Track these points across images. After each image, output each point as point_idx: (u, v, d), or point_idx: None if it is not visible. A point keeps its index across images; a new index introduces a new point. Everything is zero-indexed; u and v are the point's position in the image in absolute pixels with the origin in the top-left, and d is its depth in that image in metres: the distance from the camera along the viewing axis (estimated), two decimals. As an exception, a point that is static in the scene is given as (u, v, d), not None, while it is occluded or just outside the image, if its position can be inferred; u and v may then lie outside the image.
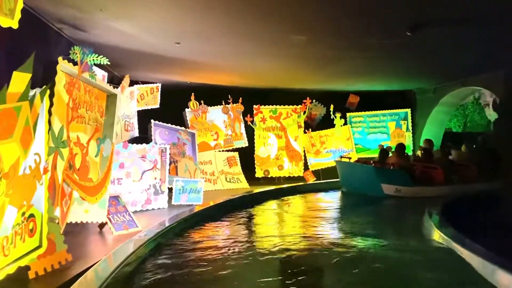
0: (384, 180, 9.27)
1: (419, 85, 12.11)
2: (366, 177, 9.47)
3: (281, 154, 11.67)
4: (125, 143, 7.18)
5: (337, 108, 12.04)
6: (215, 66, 8.84)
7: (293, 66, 8.92)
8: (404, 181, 9.21)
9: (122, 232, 5.53)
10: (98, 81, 5.20)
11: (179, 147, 9.80)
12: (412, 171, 9.55)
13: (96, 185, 5.14)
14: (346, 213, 8.21)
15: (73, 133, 4.72)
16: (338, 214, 8.01)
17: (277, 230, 6.42)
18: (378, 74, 10.16)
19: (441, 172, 9.44)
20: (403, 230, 6.23)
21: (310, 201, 9.52)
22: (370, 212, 8.23)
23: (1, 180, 2.84)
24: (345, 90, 12.31)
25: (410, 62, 8.68)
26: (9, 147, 2.91)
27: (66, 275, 3.63)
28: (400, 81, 11.38)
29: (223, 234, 5.90)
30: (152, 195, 7.46)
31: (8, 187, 2.92)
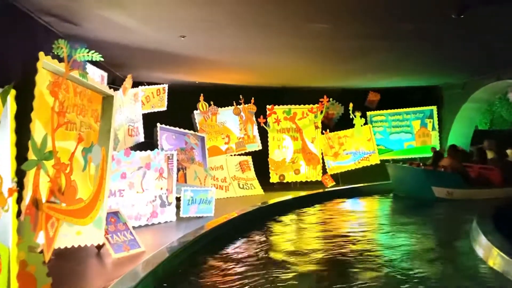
0: (435, 183, 9.17)
1: (447, 79, 11.25)
2: (416, 180, 9.39)
3: (297, 158, 10.91)
4: (127, 150, 6.45)
5: (357, 107, 11.27)
6: (225, 63, 8.13)
7: (310, 61, 8.17)
8: (457, 183, 9.06)
9: (123, 254, 4.80)
10: (90, 81, 4.45)
11: (188, 153, 9.08)
12: (466, 172, 9.36)
13: (89, 203, 4.40)
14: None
15: (60, 142, 3.99)
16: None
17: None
18: (403, 68, 9.38)
19: (499, 173, 9.16)
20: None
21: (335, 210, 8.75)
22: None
23: None
24: (365, 87, 11.58)
25: (444, 52, 7.80)
26: (-44, 167, 2.18)
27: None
28: (425, 76, 10.61)
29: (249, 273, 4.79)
30: (158, 207, 6.73)
31: (-45, 220, 2.19)
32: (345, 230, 6.93)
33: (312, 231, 6.89)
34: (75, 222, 4.11)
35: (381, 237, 6.43)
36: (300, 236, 6.66)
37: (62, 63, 3.92)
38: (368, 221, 7.71)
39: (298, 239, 6.36)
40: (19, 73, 3.79)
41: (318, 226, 7.23)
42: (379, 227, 7.21)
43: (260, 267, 4.77)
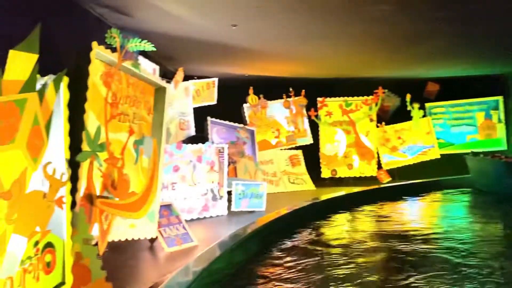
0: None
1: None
2: (497, 173, 8.97)
3: (350, 152, 10.49)
4: (179, 143, 6.40)
5: (414, 98, 10.64)
6: (276, 53, 7.90)
7: (366, 49, 7.75)
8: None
9: (175, 248, 4.71)
10: (143, 72, 4.38)
11: (238, 146, 8.95)
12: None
13: (142, 196, 4.34)
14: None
15: (113, 134, 3.94)
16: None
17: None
18: (466, 55, 8.72)
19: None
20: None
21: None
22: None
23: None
24: (423, 77, 10.88)
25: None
26: (10, 155, 2.11)
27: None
28: (490, 64, 9.81)
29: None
30: (210, 201, 6.64)
31: (10, 210, 2.12)
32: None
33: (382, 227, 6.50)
34: (128, 216, 4.05)
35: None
36: (368, 231, 6.35)
37: (115, 54, 3.85)
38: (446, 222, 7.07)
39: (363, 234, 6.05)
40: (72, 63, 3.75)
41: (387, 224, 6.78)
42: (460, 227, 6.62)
43: (315, 268, 4.53)
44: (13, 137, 2.11)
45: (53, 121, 2.38)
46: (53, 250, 2.48)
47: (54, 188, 2.44)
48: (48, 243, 2.43)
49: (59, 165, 2.48)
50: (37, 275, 2.34)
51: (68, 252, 2.60)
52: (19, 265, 2.23)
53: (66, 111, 2.52)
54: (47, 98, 2.32)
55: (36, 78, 2.23)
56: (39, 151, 2.29)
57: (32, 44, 2.13)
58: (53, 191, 2.44)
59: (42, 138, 2.30)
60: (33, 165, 2.26)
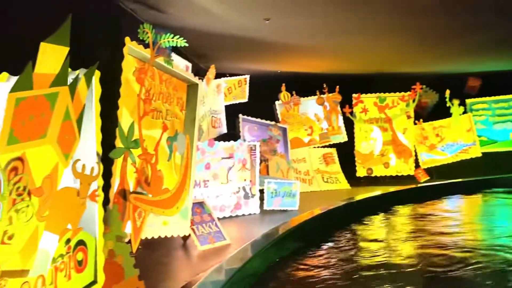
0: None
1: None
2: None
3: (386, 150, 10.15)
4: (211, 141, 6.34)
5: (454, 94, 10.15)
6: (309, 48, 7.73)
7: (405, 43, 7.50)
8: None
9: (208, 246, 4.64)
10: (175, 68, 4.32)
11: (270, 144, 8.82)
12: None
13: (175, 193, 4.28)
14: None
15: (147, 131, 3.90)
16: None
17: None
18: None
19: None
20: None
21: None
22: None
23: (30, 198, 2.00)
24: (464, 71, 10.37)
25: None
26: (41, 151, 2.06)
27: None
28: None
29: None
30: (242, 199, 6.56)
31: (42, 207, 2.08)
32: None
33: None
34: (161, 213, 4.00)
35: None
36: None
37: (148, 49, 3.80)
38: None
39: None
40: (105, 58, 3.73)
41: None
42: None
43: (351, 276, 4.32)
44: (44, 132, 2.06)
45: (84, 116, 2.32)
46: (85, 248, 2.43)
47: (86, 185, 2.39)
48: (80, 241, 2.38)
49: (91, 160, 2.42)
50: (68, 273, 2.30)
51: (100, 250, 2.55)
52: (50, 263, 2.18)
53: (98, 106, 2.46)
54: (79, 92, 2.27)
55: (68, 71, 2.17)
56: (70, 147, 2.23)
57: (63, 37, 2.07)
58: (85, 187, 2.39)
59: (74, 133, 2.25)
60: (65, 161, 2.20)
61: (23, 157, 1.95)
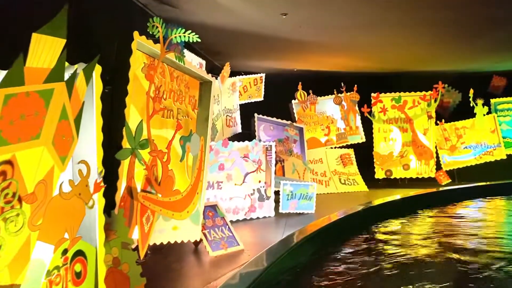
0: None
1: None
2: None
3: (406, 151, 9.81)
4: (225, 140, 6.12)
5: (478, 94, 9.73)
6: (326, 45, 7.51)
7: (427, 40, 7.21)
8: None
9: (220, 252, 4.42)
10: (187, 65, 4.11)
11: (286, 144, 8.57)
12: None
13: (186, 196, 4.08)
14: None
15: (156, 130, 3.70)
16: None
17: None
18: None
19: None
20: None
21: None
22: None
23: (21, 205, 1.80)
24: (488, 70, 9.99)
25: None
26: (34, 153, 1.86)
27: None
28: None
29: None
30: (257, 201, 6.33)
31: (35, 215, 1.88)
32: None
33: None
34: (171, 215, 3.80)
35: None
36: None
37: (158, 45, 3.60)
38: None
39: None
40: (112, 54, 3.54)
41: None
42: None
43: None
44: (37, 132, 1.86)
45: (84, 115, 2.12)
46: (84, 259, 2.22)
47: (86, 190, 2.18)
48: (78, 251, 2.18)
49: (92, 165, 2.22)
50: (65, 286, 2.10)
51: (101, 260, 2.34)
52: (45, 277, 1.99)
53: (99, 104, 2.25)
54: (77, 89, 2.06)
55: (64, 66, 1.97)
56: (67, 149, 2.03)
57: (58, 27, 1.87)
58: (85, 193, 2.19)
59: (71, 134, 2.05)
60: (61, 164, 2.00)
61: (12, 161, 1.75)
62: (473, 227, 6.44)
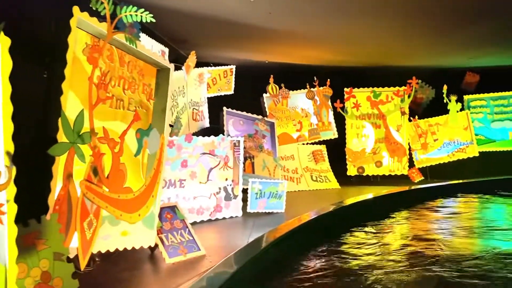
0: None
1: None
2: None
3: (379, 148, 9.61)
4: (189, 135, 5.67)
5: (451, 90, 9.61)
6: (299, 35, 7.23)
7: (402, 32, 7.03)
8: None
9: (179, 258, 3.98)
10: (141, 49, 3.63)
11: (256, 140, 8.19)
12: None
13: (139, 196, 3.62)
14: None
15: (101, 122, 3.22)
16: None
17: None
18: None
19: None
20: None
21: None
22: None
23: None
24: (461, 66, 9.93)
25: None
26: None
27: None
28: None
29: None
30: (223, 201, 5.91)
31: None
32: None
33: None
34: (119, 215, 3.33)
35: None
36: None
37: (104, 23, 3.11)
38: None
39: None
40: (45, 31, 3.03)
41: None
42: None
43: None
44: None
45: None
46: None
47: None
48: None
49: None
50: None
51: (11, 281, 1.87)
52: None
53: (7, 86, 1.78)
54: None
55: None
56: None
57: None
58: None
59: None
60: None
61: None
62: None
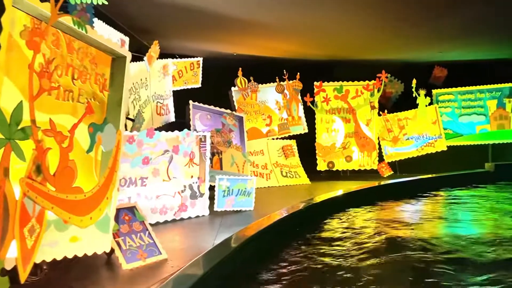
0: None
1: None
2: None
3: (349, 142, 9.53)
4: (151, 130, 5.31)
5: (420, 84, 9.62)
6: (268, 26, 7.00)
7: (371, 24, 6.91)
8: None
9: (137, 263, 3.66)
10: (92, 34, 3.27)
11: (224, 135, 7.91)
12: None
13: (91, 198, 3.27)
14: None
15: (47, 115, 2.86)
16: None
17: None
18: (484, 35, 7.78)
19: None
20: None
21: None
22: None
23: None
24: (430, 60, 9.96)
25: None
26: None
27: None
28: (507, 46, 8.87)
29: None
30: (188, 199, 5.61)
31: None
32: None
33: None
34: (67, 218, 2.98)
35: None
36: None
37: (47, 4, 2.75)
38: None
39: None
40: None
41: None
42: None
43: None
44: None
45: None
46: None
47: None
48: None
49: None
50: None
51: None
52: None
53: None
54: None
55: None
56: None
57: None
58: None
59: None
60: None
61: None
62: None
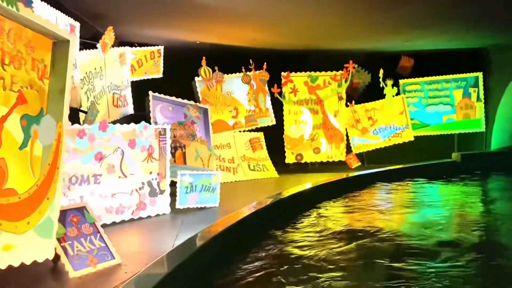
0: None
1: (496, 40, 9.50)
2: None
3: (317, 134, 9.36)
4: (103, 123, 4.88)
5: (387, 74, 9.56)
6: (233, 12, 6.70)
7: (339, 11, 6.66)
8: None
9: (86, 270, 3.30)
10: (25, 13, 2.85)
11: (188, 128, 7.55)
12: None
13: (27, 199, 2.88)
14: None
15: (-33, 106, 2.45)
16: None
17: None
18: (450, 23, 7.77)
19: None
20: None
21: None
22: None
23: None
24: (397, 50, 9.94)
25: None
26: None
27: None
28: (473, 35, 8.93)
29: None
30: (147, 197, 5.23)
31: None
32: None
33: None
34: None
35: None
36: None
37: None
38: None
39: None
40: None
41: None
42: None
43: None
44: None
45: None
46: None
47: None
48: None
49: None
50: None
51: None
52: None
53: None
54: None
55: None
56: None
57: None
58: None
59: None
60: None
61: None
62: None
